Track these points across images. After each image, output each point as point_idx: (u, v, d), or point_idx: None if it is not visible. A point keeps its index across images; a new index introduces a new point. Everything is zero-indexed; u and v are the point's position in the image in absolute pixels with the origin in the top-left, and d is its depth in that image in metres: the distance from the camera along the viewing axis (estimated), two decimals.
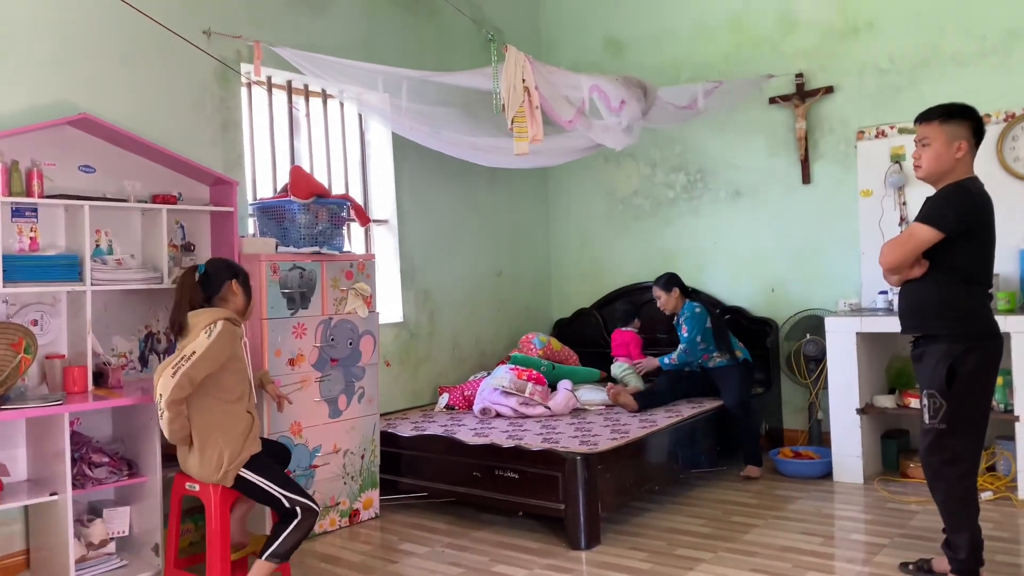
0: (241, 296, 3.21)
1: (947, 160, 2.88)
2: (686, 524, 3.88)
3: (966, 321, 2.87)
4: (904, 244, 2.90)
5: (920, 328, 2.97)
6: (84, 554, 3.32)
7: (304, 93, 4.83)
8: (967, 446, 2.91)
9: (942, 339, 2.87)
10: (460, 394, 5.03)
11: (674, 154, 5.79)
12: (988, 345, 2.88)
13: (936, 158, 2.90)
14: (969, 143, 2.90)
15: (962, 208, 2.83)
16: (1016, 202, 4.45)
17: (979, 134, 2.93)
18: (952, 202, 2.85)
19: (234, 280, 3.19)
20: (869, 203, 4.94)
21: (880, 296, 4.64)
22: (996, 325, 2.94)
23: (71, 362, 3.45)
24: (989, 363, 2.90)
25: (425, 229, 5.38)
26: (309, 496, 3.07)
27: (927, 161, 2.92)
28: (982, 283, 2.93)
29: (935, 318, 2.90)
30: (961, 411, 2.85)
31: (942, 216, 2.83)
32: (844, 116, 5.07)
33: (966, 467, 2.90)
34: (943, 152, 2.88)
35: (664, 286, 4.98)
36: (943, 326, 2.88)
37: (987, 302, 2.98)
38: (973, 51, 4.64)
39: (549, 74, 4.02)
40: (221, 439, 3.00)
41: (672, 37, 5.74)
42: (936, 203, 2.88)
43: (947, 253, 2.85)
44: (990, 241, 2.92)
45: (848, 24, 5.04)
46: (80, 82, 3.66)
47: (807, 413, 5.12)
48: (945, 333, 2.87)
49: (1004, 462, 4.24)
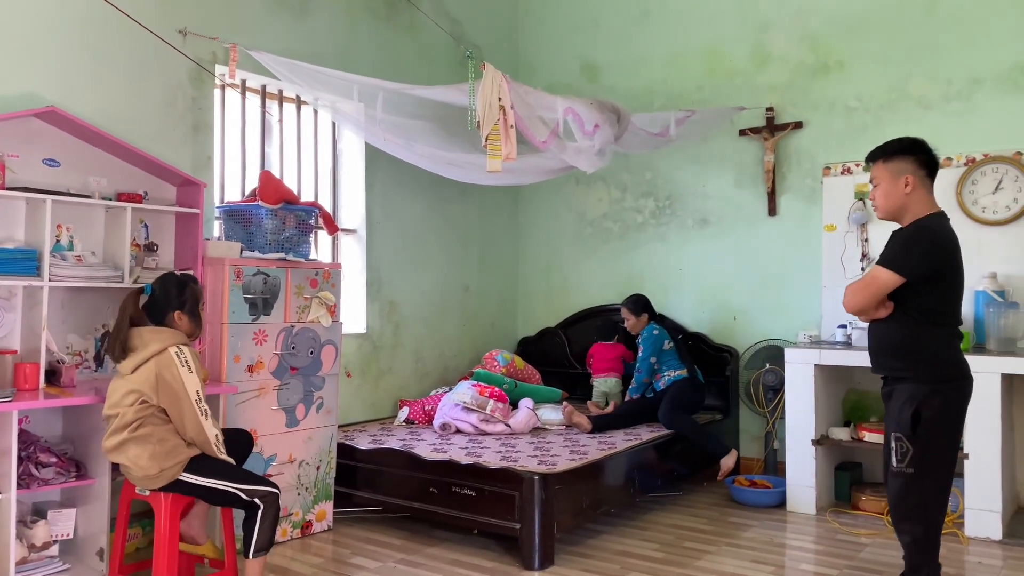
0: (187, 323, 3.12)
1: (897, 197, 2.87)
2: (640, 548, 3.89)
3: (932, 363, 2.83)
4: (866, 288, 2.86)
5: (887, 368, 2.94)
6: (25, 556, 3.23)
7: (278, 98, 4.80)
8: (935, 490, 2.85)
9: (908, 380, 2.83)
10: (421, 408, 5.00)
11: (644, 180, 5.86)
12: (955, 386, 2.84)
13: (886, 196, 2.90)
14: (916, 176, 2.86)
15: (923, 251, 2.79)
16: (975, 245, 4.56)
17: (929, 165, 2.90)
18: (912, 246, 2.81)
19: (179, 311, 3.09)
20: (833, 238, 5.04)
21: (839, 330, 4.72)
22: (965, 366, 2.89)
23: (23, 358, 3.37)
24: (955, 405, 2.85)
25: (393, 240, 5.37)
26: (265, 480, 3.04)
27: (879, 200, 2.93)
28: (949, 324, 2.88)
29: (901, 359, 2.87)
30: (928, 454, 2.80)
31: (903, 261, 2.79)
32: (812, 151, 5.18)
33: (933, 511, 2.85)
34: (891, 190, 2.88)
35: (633, 308, 5.07)
36: (908, 367, 2.85)
37: (955, 343, 2.91)
38: (937, 95, 4.77)
39: (525, 94, 4.05)
40: (156, 445, 2.92)
41: (648, 65, 5.82)
42: (896, 246, 2.84)
43: (912, 294, 2.81)
44: (957, 281, 2.89)
45: (819, 62, 5.16)
46: (49, 74, 3.60)
47: (763, 442, 5.18)
48: (911, 375, 2.83)
49: (952, 499, 4.31)
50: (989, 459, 4.01)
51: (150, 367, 2.93)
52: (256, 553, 2.96)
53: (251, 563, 2.98)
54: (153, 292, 3.10)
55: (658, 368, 4.96)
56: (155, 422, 2.93)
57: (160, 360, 2.93)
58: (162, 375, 2.91)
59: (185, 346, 3.00)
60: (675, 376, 4.92)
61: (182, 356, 2.95)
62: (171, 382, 2.91)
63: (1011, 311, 4.23)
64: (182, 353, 2.96)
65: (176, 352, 2.95)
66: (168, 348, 2.95)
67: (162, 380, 2.91)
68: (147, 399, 2.92)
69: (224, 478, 2.97)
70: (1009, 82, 4.57)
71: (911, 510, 2.86)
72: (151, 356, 2.94)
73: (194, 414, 2.94)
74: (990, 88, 4.62)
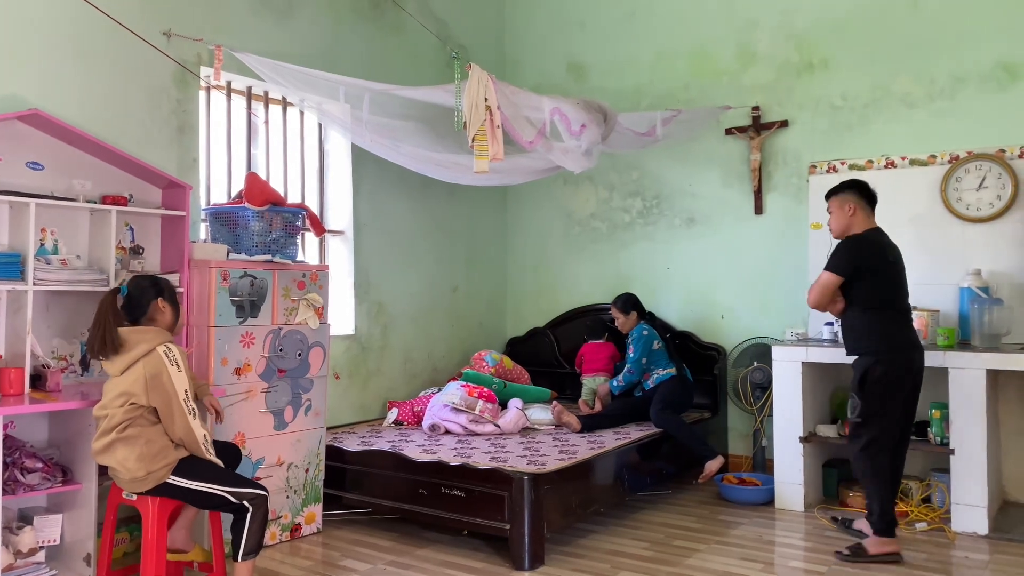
0: (169, 312, 3.12)
1: (843, 219, 3.80)
2: (630, 547, 3.90)
3: (876, 339, 3.69)
4: (818, 287, 3.75)
5: (850, 348, 3.81)
6: (12, 563, 3.20)
7: (264, 100, 4.79)
8: (878, 434, 3.67)
9: (862, 355, 3.72)
10: (410, 409, 5.00)
11: (632, 179, 5.87)
12: (892, 357, 3.66)
13: (836, 220, 3.83)
14: (858, 204, 3.78)
15: (852, 254, 3.70)
16: (958, 242, 4.61)
17: (868, 196, 3.81)
18: (844, 251, 3.72)
19: (159, 298, 3.10)
20: (819, 236, 5.05)
21: (826, 327, 4.74)
22: (904, 340, 3.71)
23: (8, 363, 3.34)
24: (894, 372, 3.65)
25: (381, 242, 5.36)
26: (252, 483, 3.02)
27: (832, 224, 3.85)
28: (889, 308, 3.72)
29: (855, 339, 3.77)
30: (871, 408, 3.66)
31: (837, 263, 3.70)
32: (797, 150, 5.20)
33: (875, 450, 3.68)
34: (839, 215, 3.81)
35: (622, 308, 5.09)
36: (861, 345, 3.74)
37: (898, 322, 3.74)
38: (921, 94, 4.80)
39: (512, 94, 4.05)
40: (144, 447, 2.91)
41: (634, 64, 5.83)
42: (835, 253, 3.75)
43: (856, 289, 3.70)
44: (889, 274, 3.72)
45: (804, 61, 5.18)
46: (32, 77, 3.58)
47: (752, 440, 5.20)
48: (862, 350, 3.73)
49: (939, 494, 4.35)
50: (975, 454, 4.04)
51: (139, 368, 2.91)
52: (245, 556, 2.95)
53: (240, 566, 2.96)
54: (129, 291, 3.09)
55: (647, 367, 4.97)
56: (143, 424, 2.91)
57: (149, 360, 2.92)
58: (151, 375, 2.90)
59: (172, 344, 2.98)
60: (664, 375, 4.93)
61: (171, 355, 2.94)
62: (161, 381, 2.90)
63: (995, 307, 4.27)
64: (171, 352, 2.95)
65: (164, 351, 2.94)
66: (156, 348, 2.93)
67: (152, 380, 2.90)
68: (136, 400, 2.91)
69: (212, 481, 2.95)
70: (992, 80, 4.60)
71: (860, 451, 3.70)
72: (140, 357, 2.92)
73: (183, 413, 2.92)
74: (974, 86, 4.66)
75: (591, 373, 5.36)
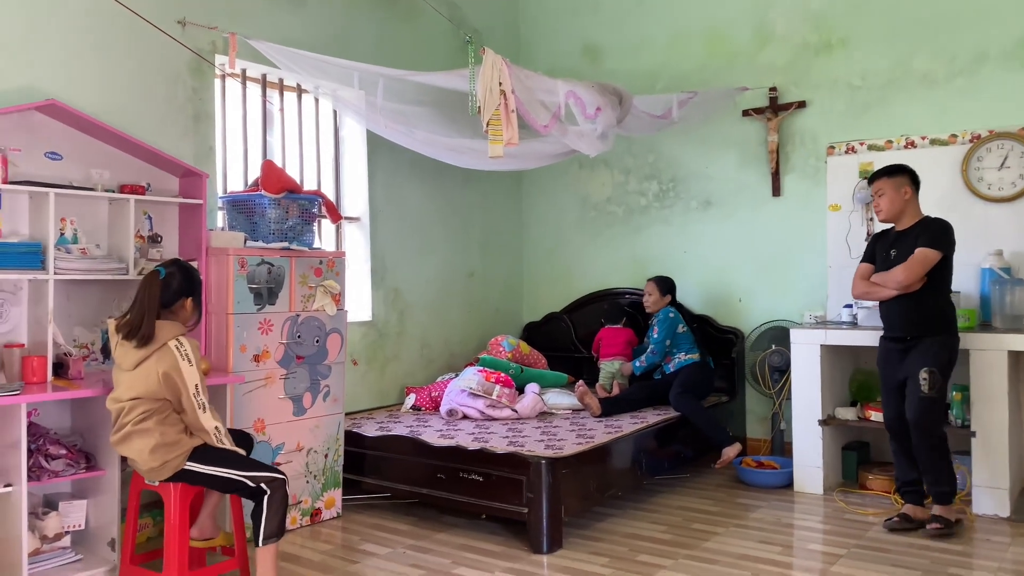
0: (191, 312, 3.13)
1: (898, 202, 3.87)
2: (648, 530, 3.90)
3: (953, 321, 3.90)
4: (919, 263, 3.76)
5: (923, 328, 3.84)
6: (38, 547, 3.26)
7: (279, 87, 4.79)
8: (944, 410, 3.95)
9: (943, 334, 3.83)
10: (427, 395, 5.02)
11: (647, 162, 5.83)
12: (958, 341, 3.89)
13: (890, 202, 3.88)
14: (911, 188, 3.88)
15: (952, 236, 3.81)
16: (979, 222, 4.55)
17: (916, 183, 3.91)
18: (945, 232, 3.80)
19: (190, 298, 3.10)
20: (837, 217, 5.02)
21: (845, 310, 4.71)
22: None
23: (31, 352, 3.38)
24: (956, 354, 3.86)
25: (397, 228, 5.36)
26: (269, 467, 3.03)
27: (884, 205, 3.90)
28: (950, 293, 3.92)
29: (934, 320, 3.84)
30: (945, 386, 3.80)
31: (941, 242, 3.77)
32: (815, 131, 5.15)
33: (942, 425, 3.87)
34: (894, 197, 3.87)
35: (661, 287, 5.13)
36: (940, 326, 3.84)
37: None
38: (942, 72, 4.73)
39: (526, 78, 4.02)
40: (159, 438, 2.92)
41: (649, 46, 5.78)
42: (935, 233, 3.79)
43: (939, 270, 3.79)
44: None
45: (822, 40, 5.12)
46: (49, 67, 3.60)
47: (770, 423, 5.18)
48: (943, 330, 3.84)
49: (960, 476, 4.32)
50: (996, 436, 4.01)
51: (151, 364, 2.91)
52: (266, 540, 2.95)
53: (262, 551, 2.97)
54: (167, 275, 3.07)
55: (670, 350, 4.97)
56: (158, 417, 2.93)
57: (160, 354, 2.92)
58: (163, 370, 2.90)
59: (184, 338, 2.99)
60: (686, 360, 4.92)
61: (182, 349, 2.94)
62: (172, 377, 2.91)
63: (1017, 288, 4.21)
64: (182, 346, 2.95)
65: (176, 345, 2.94)
66: (167, 342, 2.94)
67: (164, 375, 2.90)
68: (150, 394, 2.92)
69: (228, 466, 2.97)
70: (1015, 57, 4.52)
71: (934, 424, 3.78)
72: (152, 352, 2.93)
73: (192, 407, 2.94)
74: (995, 63, 4.58)
75: (608, 357, 5.35)
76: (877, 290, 3.91)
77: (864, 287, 3.98)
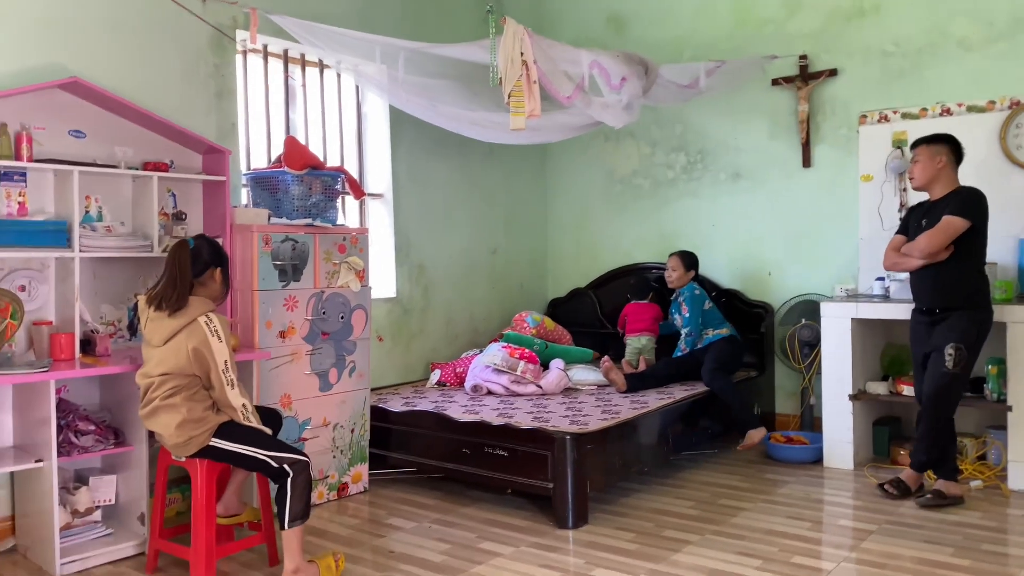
0: (219, 285, 3.15)
1: (930, 170, 3.80)
2: (674, 506, 3.87)
3: (986, 295, 3.82)
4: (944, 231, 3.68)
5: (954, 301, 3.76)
6: (69, 521, 3.31)
7: (301, 63, 4.76)
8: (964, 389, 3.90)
9: (974, 309, 3.75)
10: (452, 371, 5.01)
11: (675, 134, 5.74)
12: (990, 316, 3.81)
13: (923, 170, 3.82)
14: (949, 159, 3.79)
15: (983, 205, 3.73)
16: (1018, 191, 4.41)
17: (958, 154, 3.83)
18: (976, 200, 3.72)
19: (219, 268, 3.13)
20: (869, 188, 4.90)
21: (877, 283, 4.61)
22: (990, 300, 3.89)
23: (59, 329, 3.42)
24: (988, 329, 3.79)
25: (420, 204, 5.33)
26: (293, 448, 3.03)
27: (917, 172, 3.85)
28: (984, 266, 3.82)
29: (966, 293, 3.76)
30: (971, 362, 3.74)
31: (970, 210, 3.67)
32: (847, 100, 5.02)
33: (957, 404, 3.85)
34: (928, 164, 3.81)
35: (686, 262, 5.05)
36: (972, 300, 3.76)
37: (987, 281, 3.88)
38: (979, 37, 4.58)
39: (548, 48, 3.95)
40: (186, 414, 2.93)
41: (675, 15, 5.66)
42: (964, 200, 3.70)
43: (967, 241, 3.70)
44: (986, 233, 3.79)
45: (854, 6, 4.97)
46: (71, 45, 3.60)
47: (800, 398, 5.12)
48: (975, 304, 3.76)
49: (995, 451, 4.24)
50: None
51: (181, 339, 2.93)
52: (291, 523, 2.92)
53: (288, 534, 2.95)
54: (197, 245, 3.09)
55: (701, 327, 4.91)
56: (186, 393, 2.95)
57: (190, 330, 2.94)
58: (192, 345, 2.92)
59: (213, 314, 3.00)
60: (716, 335, 4.86)
61: (211, 325, 2.96)
62: (201, 352, 2.93)
63: None
64: (211, 322, 2.96)
65: (205, 321, 2.95)
66: (197, 318, 2.95)
67: (193, 350, 2.92)
68: (179, 370, 2.94)
69: (252, 444, 2.98)
70: None
71: (947, 405, 3.78)
72: (183, 327, 2.94)
73: (221, 384, 2.95)
74: None
75: (635, 333, 5.30)
76: (905, 260, 3.86)
77: (894, 258, 3.92)
